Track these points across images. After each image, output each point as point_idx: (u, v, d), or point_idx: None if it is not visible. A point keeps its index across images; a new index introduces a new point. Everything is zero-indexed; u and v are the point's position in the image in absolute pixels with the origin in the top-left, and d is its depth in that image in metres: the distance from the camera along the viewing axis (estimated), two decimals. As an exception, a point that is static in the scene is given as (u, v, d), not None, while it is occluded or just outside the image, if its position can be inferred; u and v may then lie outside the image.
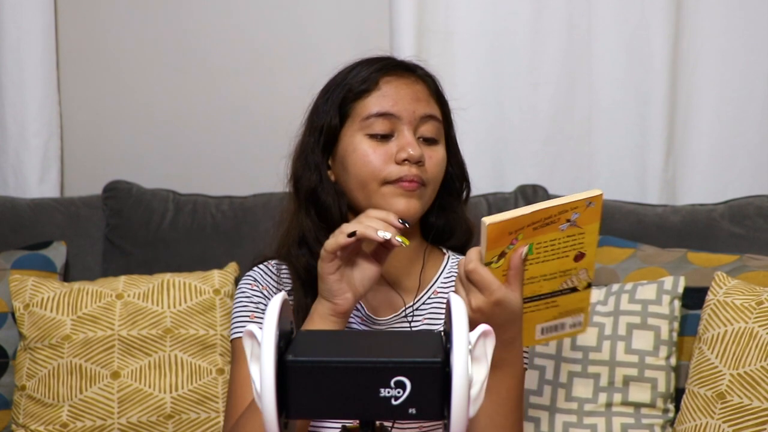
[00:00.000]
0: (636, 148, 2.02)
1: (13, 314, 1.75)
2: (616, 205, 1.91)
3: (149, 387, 1.68)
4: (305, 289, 1.19)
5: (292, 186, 1.25)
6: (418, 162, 1.18)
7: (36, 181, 2.16)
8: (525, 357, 1.20)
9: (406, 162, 1.17)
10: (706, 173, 2.02)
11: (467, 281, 1.02)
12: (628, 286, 1.63)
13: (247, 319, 1.22)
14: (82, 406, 1.67)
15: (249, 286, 1.25)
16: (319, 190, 1.21)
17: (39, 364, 1.69)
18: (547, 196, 1.94)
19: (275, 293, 1.23)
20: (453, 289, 1.24)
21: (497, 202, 1.94)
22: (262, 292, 1.24)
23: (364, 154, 1.18)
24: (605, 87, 2.03)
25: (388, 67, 1.23)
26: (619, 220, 1.87)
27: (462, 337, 0.67)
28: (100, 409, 1.67)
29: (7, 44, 2.13)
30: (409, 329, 1.22)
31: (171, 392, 1.68)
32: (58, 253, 1.91)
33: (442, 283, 1.28)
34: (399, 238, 1.05)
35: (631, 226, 1.86)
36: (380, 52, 1.27)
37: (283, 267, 1.25)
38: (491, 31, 2.04)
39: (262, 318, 1.18)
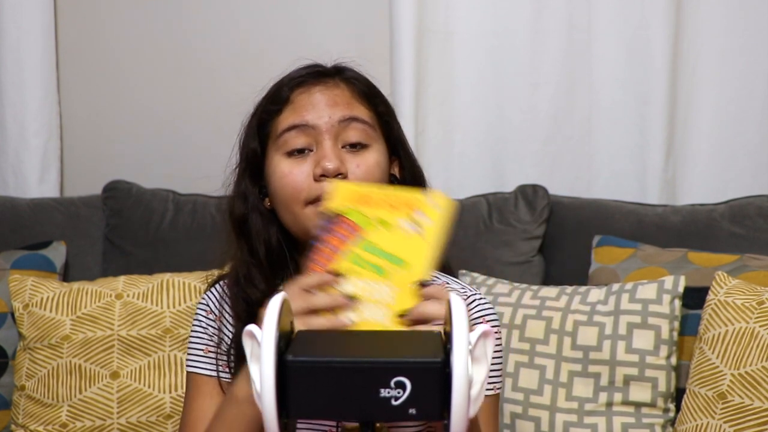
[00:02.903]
0: (636, 148, 2.02)
1: (12, 314, 1.75)
2: (616, 205, 1.91)
3: (149, 387, 1.68)
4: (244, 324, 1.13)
5: (226, 218, 1.18)
6: (339, 175, 1.06)
7: (36, 181, 2.16)
8: (498, 380, 1.14)
9: (324, 177, 1.06)
10: (706, 173, 2.02)
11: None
12: (629, 285, 1.63)
13: (201, 353, 1.17)
14: (82, 406, 1.67)
15: (204, 314, 1.19)
16: (248, 219, 1.15)
17: (38, 364, 1.69)
18: (547, 196, 1.94)
19: (229, 320, 1.17)
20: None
21: (497, 202, 1.94)
22: (215, 322, 1.17)
23: (281, 175, 1.09)
24: (605, 87, 2.03)
25: (299, 79, 1.14)
26: (619, 220, 1.87)
27: (462, 337, 0.67)
28: (99, 409, 1.67)
29: (7, 44, 2.13)
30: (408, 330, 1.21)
31: (170, 392, 1.68)
32: (57, 253, 1.91)
33: None
34: (348, 317, 0.93)
35: (631, 226, 1.86)
36: (307, 60, 1.17)
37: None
38: (491, 31, 2.04)
39: (220, 351, 1.15)
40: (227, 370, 1.15)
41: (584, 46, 2.02)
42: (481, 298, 1.16)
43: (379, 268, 0.95)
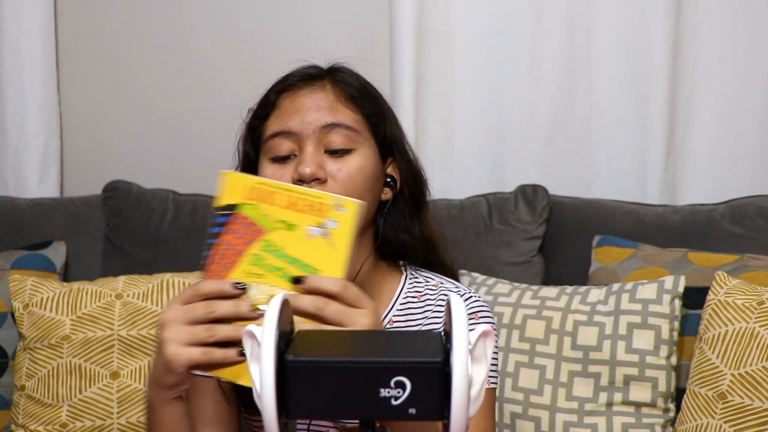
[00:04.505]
0: (636, 148, 2.02)
1: (12, 314, 1.75)
2: (616, 205, 1.91)
3: (149, 387, 1.68)
4: None
5: None
6: (316, 179, 1.05)
7: (36, 181, 2.16)
8: (494, 375, 1.14)
9: (300, 182, 1.05)
10: (706, 173, 2.02)
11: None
12: (629, 285, 1.63)
13: None
14: (82, 406, 1.67)
15: None
16: None
17: (38, 364, 1.69)
18: (548, 196, 1.94)
19: None
20: (414, 317, 1.17)
21: (497, 202, 1.94)
22: None
23: None
24: (605, 87, 2.03)
25: (287, 83, 1.13)
26: (619, 220, 1.87)
27: (462, 337, 0.67)
28: (99, 409, 1.67)
29: (7, 44, 2.13)
30: (408, 330, 1.21)
31: (171, 392, 1.68)
32: (57, 253, 1.91)
33: (398, 310, 1.16)
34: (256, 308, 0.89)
35: (631, 226, 1.86)
36: (304, 61, 1.16)
37: None
38: (491, 31, 2.04)
39: None
40: None
41: (584, 46, 2.02)
42: (472, 295, 1.16)
43: (284, 274, 0.90)
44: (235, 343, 0.88)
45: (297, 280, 0.89)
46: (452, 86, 2.07)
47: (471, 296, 1.16)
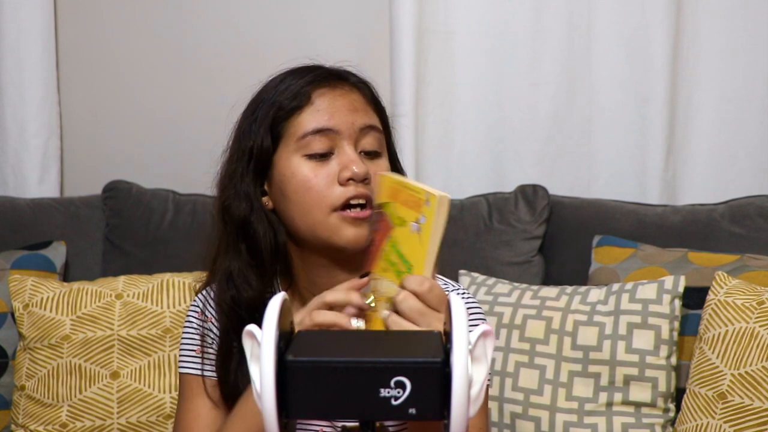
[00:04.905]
0: (636, 148, 2.02)
1: (12, 314, 1.75)
2: (616, 205, 1.91)
3: (149, 387, 1.68)
4: (230, 323, 1.12)
5: (219, 218, 1.16)
6: (364, 179, 1.05)
7: (36, 181, 2.16)
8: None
9: (351, 181, 1.05)
10: (706, 173, 2.02)
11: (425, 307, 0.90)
12: (629, 285, 1.63)
13: (194, 353, 1.17)
14: (82, 406, 1.67)
15: (196, 315, 1.19)
16: (251, 220, 1.11)
17: (38, 364, 1.69)
18: (548, 196, 1.94)
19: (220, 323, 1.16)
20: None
21: (497, 202, 1.94)
22: (206, 324, 1.17)
23: (305, 178, 1.06)
24: (605, 87, 2.03)
25: (319, 78, 1.10)
26: (619, 220, 1.87)
27: (462, 337, 0.67)
28: (99, 409, 1.67)
29: (7, 44, 2.13)
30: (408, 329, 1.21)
31: (170, 392, 1.68)
32: (57, 253, 1.91)
33: None
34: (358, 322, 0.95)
35: (631, 226, 1.86)
36: (307, 60, 1.15)
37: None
38: (491, 31, 2.04)
39: (209, 352, 1.15)
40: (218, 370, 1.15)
41: (584, 46, 2.02)
42: (462, 293, 1.16)
43: (397, 270, 0.93)
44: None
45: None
46: (452, 86, 2.07)
47: (464, 292, 1.16)
